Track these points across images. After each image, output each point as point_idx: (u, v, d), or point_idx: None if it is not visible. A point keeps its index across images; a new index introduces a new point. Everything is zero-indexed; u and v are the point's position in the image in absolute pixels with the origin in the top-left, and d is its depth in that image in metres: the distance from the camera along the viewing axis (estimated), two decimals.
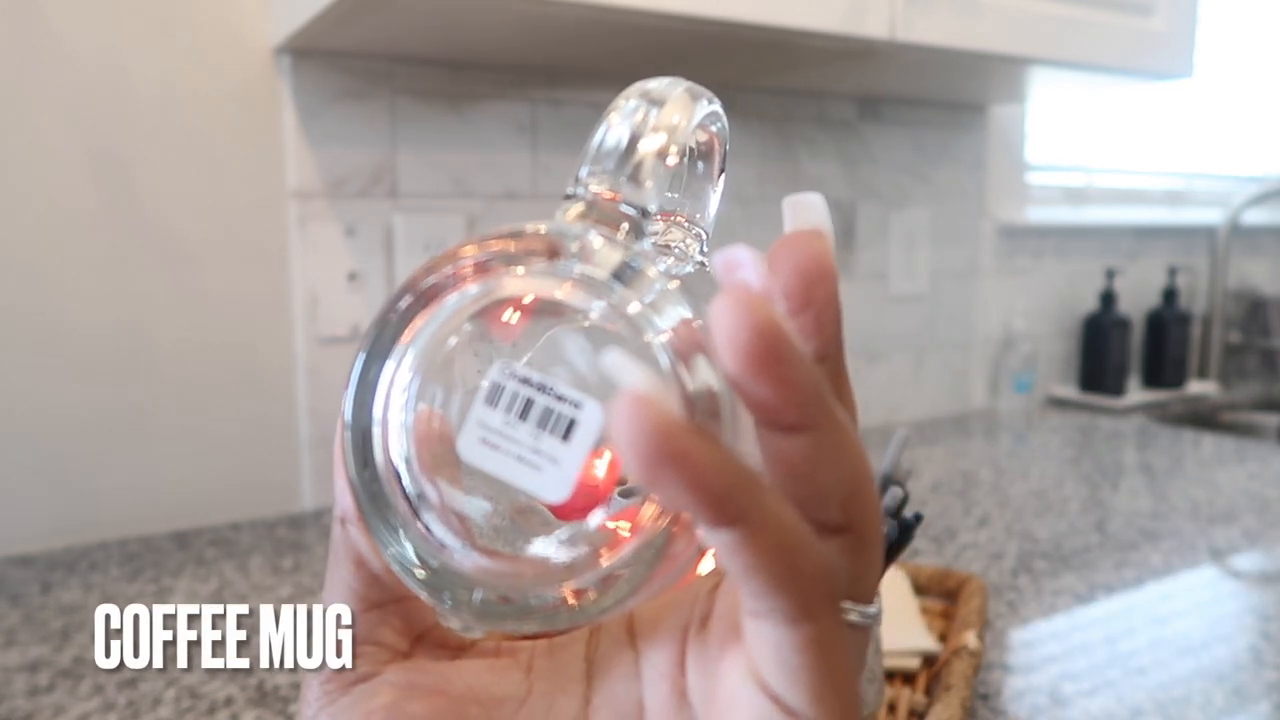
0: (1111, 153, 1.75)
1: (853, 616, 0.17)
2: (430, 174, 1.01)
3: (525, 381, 0.18)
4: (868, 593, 0.17)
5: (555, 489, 0.18)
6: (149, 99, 0.88)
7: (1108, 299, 1.58)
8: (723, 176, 0.24)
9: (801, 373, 0.15)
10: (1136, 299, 1.69)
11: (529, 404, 0.18)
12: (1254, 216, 1.82)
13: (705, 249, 0.23)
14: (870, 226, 1.36)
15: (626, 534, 0.18)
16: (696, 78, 0.22)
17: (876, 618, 0.17)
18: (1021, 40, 1.01)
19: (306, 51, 0.93)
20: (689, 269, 0.23)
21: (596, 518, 0.19)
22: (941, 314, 1.45)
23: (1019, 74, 1.15)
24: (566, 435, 0.18)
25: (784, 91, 1.25)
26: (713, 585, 0.20)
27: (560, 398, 0.18)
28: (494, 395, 0.18)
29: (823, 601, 0.15)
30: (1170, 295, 1.68)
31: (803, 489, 0.16)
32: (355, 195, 0.97)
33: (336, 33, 0.85)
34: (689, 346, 0.17)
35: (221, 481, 0.94)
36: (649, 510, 0.18)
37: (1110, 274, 1.57)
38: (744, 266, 0.16)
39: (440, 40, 0.91)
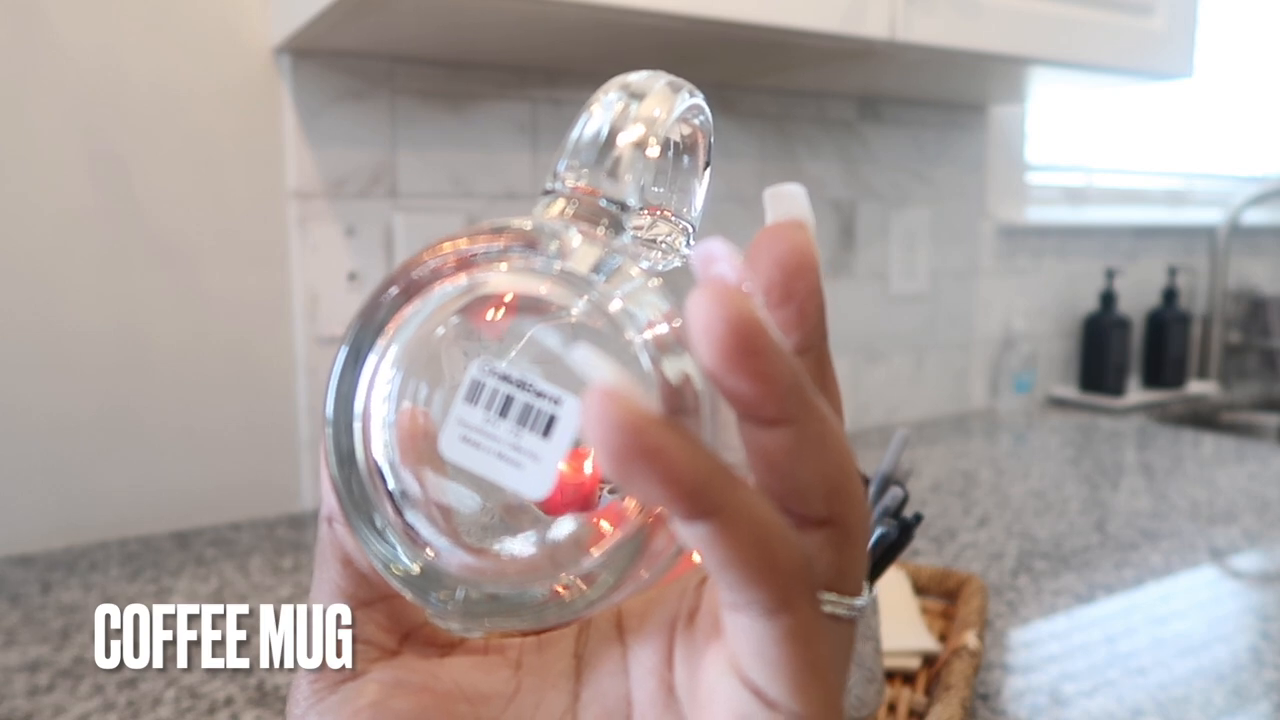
0: (1111, 153, 1.75)
1: (836, 609, 0.17)
2: (430, 174, 1.01)
3: (505, 378, 0.18)
4: (853, 585, 0.17)
5: (536, 486, 0.18)
6: (148, 99, 0.88)
7: (1108, 299, 1.57)
8: (708, 170, 0.24)
9: (779, 366, 0.15)
10: (1136, 299, 1.68)
11: (509, 401, 0.18)
12: (1254, 216, 1.82)
13: (692, 243, 0.23)
14: (870, 226, 1.35)
15: (609, 529, 0.18)
16: (697, 77, 0.22)
17: (862, 610, 0.17)
18: (1021, 40, 1.00)
19: (306, 51, 0.93)
20: (675, 263, 0.23)
21: (582, 514, 0.19)
22: (941, 314, 1.45)
23: (1019, 74, 1.15)
24: (547, 431, 0.18)
25: (784, 91, 1.25)
26: (700, 580, 0.20)
27: (540, 394, 0.18)
28: (474, 392, 0.18)
29: (800, 593, 0.15)
30: (1170, 295, 1.68)
31: (784, 482, 0.16)
32: (355, 195, 0.97)
33: (336, 33, 0.85)
34: (670, 342, 0.17)
35: (221, 481, 0.94)
36: (631, 504, 0.18)
37: (1110, 274, 1.57)
38: (720, 260, 0.16)
39: (440, 40, 0.91)
